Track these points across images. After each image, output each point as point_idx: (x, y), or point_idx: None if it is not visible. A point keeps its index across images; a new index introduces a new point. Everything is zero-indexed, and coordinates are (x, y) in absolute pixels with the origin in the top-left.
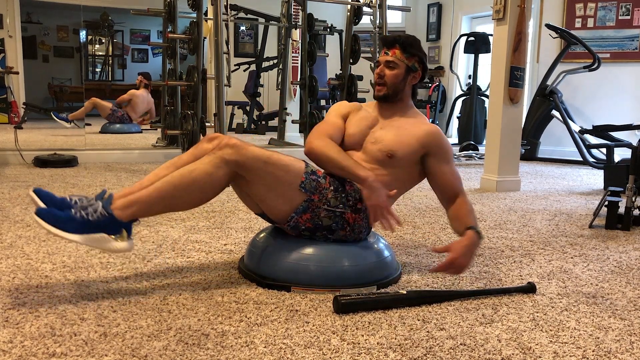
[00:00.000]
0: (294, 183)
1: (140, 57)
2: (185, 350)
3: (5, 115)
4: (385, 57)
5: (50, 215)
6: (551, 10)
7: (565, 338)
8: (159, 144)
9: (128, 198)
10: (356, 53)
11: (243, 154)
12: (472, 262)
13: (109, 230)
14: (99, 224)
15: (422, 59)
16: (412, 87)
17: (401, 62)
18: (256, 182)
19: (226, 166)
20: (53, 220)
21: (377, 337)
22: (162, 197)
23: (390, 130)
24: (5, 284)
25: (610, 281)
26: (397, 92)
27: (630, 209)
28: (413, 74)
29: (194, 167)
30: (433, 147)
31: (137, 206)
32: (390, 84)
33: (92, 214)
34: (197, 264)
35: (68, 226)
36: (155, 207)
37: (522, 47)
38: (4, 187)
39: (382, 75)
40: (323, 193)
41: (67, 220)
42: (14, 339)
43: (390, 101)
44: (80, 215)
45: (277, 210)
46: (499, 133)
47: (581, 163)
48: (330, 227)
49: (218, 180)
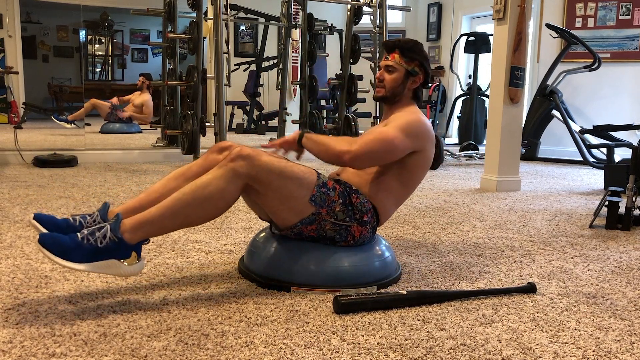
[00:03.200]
0: (305, 196)
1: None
2: (185, 351)
3: (5, 115)
4: (385, 62)
5: (56, 243)
6: (551, 10)
7: (565, 338)
8: (158, 144)
9: (137, 219)
10: (356, 53)
11: (256, 166)
12: (290, 140)
13: (118, 255)
14: (107, 250)
15: (423, 63)
16: (414, 91)
17: (400, 66)
18: (268, 194)
19: (239, 179)
20: (59, 250)
21: (377, 337)
22: (174, 215)
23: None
24: (5, 284)
25: (611, 281)
26: (395, 95)
27: (630, 209)
28: (413, 78)
29: (207, 182)
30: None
31: (148, 227)
32: (388, 87)
33: (101, 239)
34: (197, 264)
35: (74, 255)
36: (167, 227)
37: (522, 47)
38: (4, 187)
39: (381, 80)
40: (331, 206)
41: (74, 249)
42: (14, 339)
43: (388, 103)
44: (88, 242)
45: (284, 220)
46: (499, 133)
47: (581, 163)
48: (333, 238)
49: (231, 195)
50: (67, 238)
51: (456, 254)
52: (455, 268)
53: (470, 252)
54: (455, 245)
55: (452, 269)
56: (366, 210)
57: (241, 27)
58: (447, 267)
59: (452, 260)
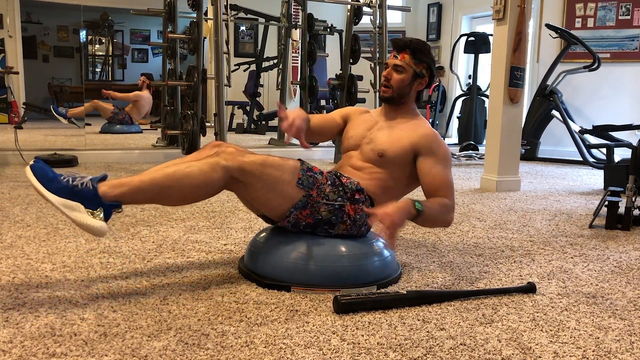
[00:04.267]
0: (292, 181)
1: (140, 57)
2: (185, 350)
3: (5, 115)
4: (394, 61)
5: (42, 171)
6: (551, 10)
7: (565, 338)
8: (159, 144)
9: (118, 180)
10: (356, 53)
11: (239, 159)
12: (401, 222)
13: (87, 203)
14: (79, 193)
15: (430, 66)
16: (418, 92)
17: (409, 67)
18: (254, 184)
19: (222, 170)
20: (41, 175)
21: (377, 337)
22: (153, 184)
23: (385, 131)
24: (5, 284)
25: (611, 281)
26: (402, 96)
27: (630, 209)
28: (420, 80)
29: (191, 164)
30: (424, 148)
31: (126, 188)
32: (396, 87)
33: (79, 183)
34: (197, 264)
35: (51, 186)
36: (144, 194)
37: (522, 47)
38: (4, 187)
39: (388, 79)
40: (321, 188)
41: (53, 180)
42: (14, 339)
43: (394, 104)
44: (65, 180)
45: (277, 209)
46: (499, 133)
47: (581, 163)
48: (330, 221)
49: (212, 181)
50: (52, 171)
51: (456, 254)
52: (455, 268)
53: (470, 252)
54: (455, 245)
55: (452, 269)
56: (357, 189)
57: (241, 27)
58: (447, 267)
59: (452, 260)
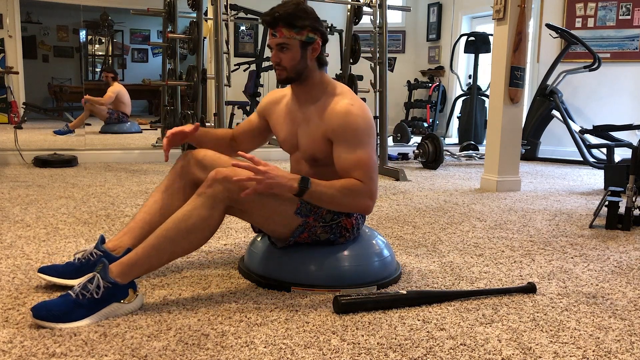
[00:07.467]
0: (289, 211)
1: (140, 57)
2: (185, 350)
3: (5, 115)
4: (274, 40)
5: (50, 312)
6: (551, 10)
7: (565, 338)
8: (158, 144)
9: (125, 263)
10: (356, 53)
11: (235, 191)
12: (269, 189)
13: (117, 298)
14: (106, 297)
15: (315, 25)
16: (317, 58)
17: (293, 40)
18: (252, 213)
19: (220, 203)
20: (55, 316)
21: (377, 337)
22: (160, 253)
23: (303, 129)
24: (5, 284)
25: (611, 281)
26: (300, 72)
27: (630, 209)
28: (311, 46)
29: (188, 214)
30: (334, 134)
31: (137, 269)
32: (289, 67)
33: (96, 290)
34: (197, 264)
35: (76, 314)
36: (154, 265)
37: (522, 47)
38: (4, 187)
39: (278, 62)
40: (318, 212)
41: (72, 309)
42: (14, 339)
43: (297, 82)
44: (84, 297)
45: (274, 232)
46: (499, 133)
47: (581, 163)
48: (328, 240)
49: (214, 221)
50: (59, 301)
51: (456, 254)
52: (455, 268)
53: (470, 252)
54: (455, 245)
55: (452, 269)
56: None
57: (241, 27)
58: (447, 267)
59: (452, 260)
